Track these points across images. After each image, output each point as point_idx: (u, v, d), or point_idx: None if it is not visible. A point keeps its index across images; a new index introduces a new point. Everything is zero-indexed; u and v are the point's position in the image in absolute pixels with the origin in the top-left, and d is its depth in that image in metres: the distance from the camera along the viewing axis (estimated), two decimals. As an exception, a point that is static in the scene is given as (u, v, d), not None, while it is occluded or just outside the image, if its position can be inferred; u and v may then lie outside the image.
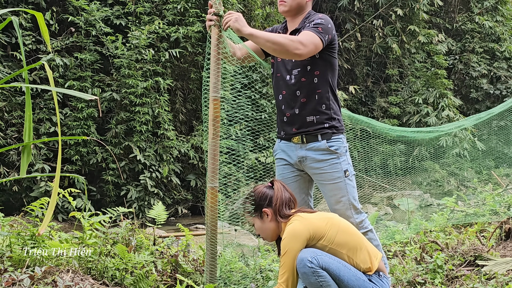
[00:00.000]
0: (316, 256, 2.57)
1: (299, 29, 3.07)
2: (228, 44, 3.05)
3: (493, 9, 16.36)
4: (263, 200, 2.82)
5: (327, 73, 3.07)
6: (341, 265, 2.61)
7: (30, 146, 2.31)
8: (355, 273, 2.62)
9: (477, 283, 3.43)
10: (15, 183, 8.23)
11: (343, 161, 3.09)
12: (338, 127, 3.11)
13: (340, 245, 2.65)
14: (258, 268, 3.66)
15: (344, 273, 2.58)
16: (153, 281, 2.97)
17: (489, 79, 16.06)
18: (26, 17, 8.80)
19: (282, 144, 3.21)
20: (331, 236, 2.65)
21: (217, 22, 3.00)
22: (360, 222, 3.13)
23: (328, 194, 3.10)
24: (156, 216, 3.60)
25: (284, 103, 3.13)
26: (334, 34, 3.05)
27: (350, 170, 3.12)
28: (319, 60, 3.04)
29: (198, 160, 10.09)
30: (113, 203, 8.90)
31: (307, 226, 2.66)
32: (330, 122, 3.08)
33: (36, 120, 8.62)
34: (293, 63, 3.08)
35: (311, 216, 2.74)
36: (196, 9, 10.17)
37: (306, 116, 3.06)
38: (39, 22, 2.25)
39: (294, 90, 3.08)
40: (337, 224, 2.71)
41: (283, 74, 3.13)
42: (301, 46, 2.85)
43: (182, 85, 10.65)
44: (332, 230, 2.66)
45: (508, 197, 6.45)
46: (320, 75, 3.05)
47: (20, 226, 3.25)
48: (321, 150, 3.06)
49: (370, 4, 14.87)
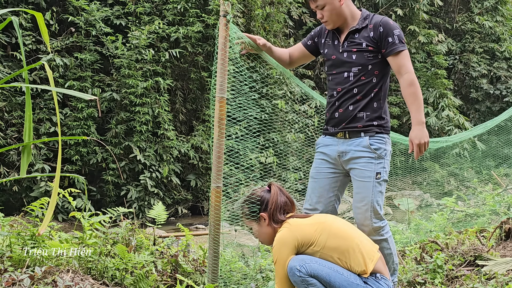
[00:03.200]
0: (304, 264, 2.55)
1: (359, 29, 3.15)
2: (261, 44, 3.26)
3: (493, 9, 16.37)
4: (260, 204, 2.81)
5: (385, 74, 3.15)
6: (331, 271, 2.57)
7: (30, 146, 2.31)
8: (347, 277, 2.58)
9: (477, 283, 3.43)
10: (15, 183, 8.23)
11: (379, 163, 3.07)
12: (385, 127, 3.12)
13: (331, 250, 2.62)
14: (258, 268, 3.66)
15: (335, 278, 2.55)
16: (153, 281, 2.97)
17: (489, 79, 16.06)
18: (26, 17, 8.80)
19: (326, 139, 3.25)
20: (321, 242, 2.63)
21: (226, 22, 3.03)
22: (378, 228, 3.07)
23: (355, 190, 3.11)
24: (156, 216, 3.60)
25: (338, 100, 3.16)
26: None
27: (383, 175, 3.08)
28: (381, 60, 3.11)
29: (198, 160, 10.09)
30: (113, 203, 8.90)
31: (295, 233, 2.64)
32: (379, 121, 3.10)
33: (36, 120, 8.62)
34: (354, 61, 3.13)
35: (302, 222, 2.72)
36: (196, 9, 10.17)
37: (358, 113, 3.10)
38: (39, 22, 2.25)
39: (351, 87, 3.12)
40: (328, 228, 2.67)
41: (342, 72, 3.16)
42: (413, 75, 3.05)
43: (182, 85, 10.65)
44: (323, 236, 2.63)
45: (508, 197, 6.45)
46: (379, 75, 3.11)
47: (20, 226, 3.25)
48: (362, 146, 3.08)
49: (370, 4, 14.87)
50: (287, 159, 9.65)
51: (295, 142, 10.10)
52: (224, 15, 3.02)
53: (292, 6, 13.41)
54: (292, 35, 14.30)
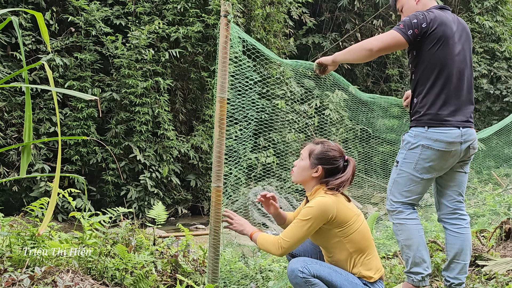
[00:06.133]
0: (306, 265, 2.57)
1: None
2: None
3: (493, 9, 16.37)
4: (327, 160, 2.78)
5: (418, 69, 3.13)
6: (332, 271, 2.61)
7: (30, 146, 2.31)
8: (346, 277, 2.62)
9: (477, 283, 3.43)
10: (15, 183, 8.23)
11: (401, 153, 3.16)
12: (418, 120, 3.12)
13: (352, 242, 2.66)
14: (258, 268, 3.66)
15: (336, 278, 2.59)
16: (153, 281, 2.97)
17: (489, 79, 16.06)
18: (26, 17, 8.80)
19: None
20: (349, 230, 2.66)
21: (226, 24, 3.00)
22: (389, 211, 3.20)
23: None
24: (156, 216, 3.60)
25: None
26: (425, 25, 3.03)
27: (402, 163, 3.13)
28: (415, 56, 3.13)
29: (198, 160, 10.09)
30: (113, 203, 8.90)
31: (335, 207, 2.64)
32: (414, 116, 3.15)
33: (36, 120, 8.61)
34: (409, 58, 3.21)
35: (346, 203, 2.72)
36: (196, 9, 10.17)
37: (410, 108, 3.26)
38: (39, 22, 2.25)
39: (411, 84, 3.24)
40: (360, 223, 2.71)
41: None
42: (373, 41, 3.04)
43: (182, 85, 10.65)
44: (353, 226, 2.67)
45: (508, 197, 6.45)
46: (415, 72, 3.15)
47: (20, 226, 3.24)
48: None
49: (370, 4, 14.87)
50: (287, 159, 9.65)
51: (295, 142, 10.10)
52: (225, 15, 3.02)
53: (292, 6, 13.40)
54: (292, 35, 14.30)
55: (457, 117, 3.04)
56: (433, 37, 3.03)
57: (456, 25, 3.13)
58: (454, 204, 3.21)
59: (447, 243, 3.22)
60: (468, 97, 3.14)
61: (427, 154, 3.03)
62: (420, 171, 3.06)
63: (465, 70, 3.13)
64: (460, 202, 3.23)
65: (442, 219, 3.26)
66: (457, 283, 3.15)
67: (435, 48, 3.04)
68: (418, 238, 3.11)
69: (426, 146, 3.02)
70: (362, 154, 8.83)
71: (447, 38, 3.04)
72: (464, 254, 3.15)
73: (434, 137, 3.00)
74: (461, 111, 3.07)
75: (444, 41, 3.04)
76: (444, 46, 3.04)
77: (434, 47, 3.04)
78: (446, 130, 3.00)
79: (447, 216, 3.23)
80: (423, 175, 3.06)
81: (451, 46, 3.05)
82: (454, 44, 3.07)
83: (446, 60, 3.04)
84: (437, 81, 3.05)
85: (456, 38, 3.09)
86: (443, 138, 2.99)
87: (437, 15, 3.07)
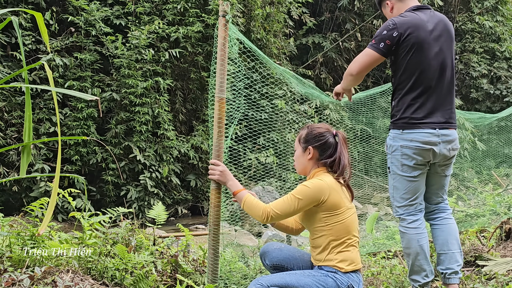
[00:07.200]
0: (257, 281, 2.58)
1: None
2: None
3: (493, 9, 16.37)
4: (314, 138, 2.84)
5: (396, 74, 3.17)
6: (285, 274, 2.65)
7: (30, 146, 2.31)
8: (302, 273, 2.67)
9: (477, 283, 3.43)
10: (15, 183, 8.23)
11: (388, 158, 3.20)
12: (395, 123, 3.16)
13: (332, 230, 2.69)
14: (258, 268, 3.66)
15: (289, 278, 2.61)
16: (153, 281, 2.97)
17: (489, 79, 16.06)
18: (26, 17, 8.80)
19: None
20: (332, 219, 2.69)
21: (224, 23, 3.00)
22: (398, 218, 3.20)
23: None
24: (156, 216, 3.60)
25: None
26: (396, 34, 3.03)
27: (392, 168, 3.17)
28: (393, 62, 3.18)
29: (198, 160, 10.09)
30: (113, 203, 8.90)
31: (329, 191, 2.68)
32: (392, 118, 3.21)
33: (36, 120, 8.61)
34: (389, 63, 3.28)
35: (341, 193, 2.74)
36: (196, 9, 10.17)
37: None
38: (39, 22, 2.25)
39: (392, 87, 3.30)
40: (347, 216, 2.73)
41: None
42: (352, 65, 3.14)
43: (182, 85, 10.65)
44: (339, 216, 2.69)
45: (508, 197, 6.45)
46: (394, 76, 3.20)
47: (20, 226, 3.24)
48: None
49: (370, 4, 14.87)
50: (287, 159, 9.65)
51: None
52: (223, 15, 3.02)
53: (292, 6, 13.40)
54: (292, 35, 14.30)
55: (433, 118, 3.06)
56: (406, 44, 3.03)
57: (433, 24, 3.09)
58: (435, 204, 3.29)
59: (433, 238, 3.27)
60: (448, 98, 3.14)
61: (407, 154, 3.08)
62: (407, 170, 3.10)
63: (445, 70, 3.11)
64: (441, 201, 3.29)
65: (426, 219, 3.32)
66: (450, 272, 3.15)
67: (409, 54, 3.04)
68: (417, 247, 3.12)
69: (404, 146, 3.08)
70: (362, 154, 8.83)
71: (421, 43, 3.03)
72: (451, 244, 3.18)
73: (409, 137, 3.06)
74: (439, 112, 3.08)
75: (418, 46, 3.03)
76: (419, 52, 3.04)
77: (408, 53, 3.04)
78: (420, 131, 3.05)
79: (430, 215, 3.30)
80: (412, 173, 3.10)
81: (426, 50, 3.05)
82: (430, 47, 3.06)
83: (422, 64, 3.05)
84: (414, 85, 3.07)
85: (432, 39, 3.06)
86: (418, 137, 3.05)
87: (410, 19, 3.05)
